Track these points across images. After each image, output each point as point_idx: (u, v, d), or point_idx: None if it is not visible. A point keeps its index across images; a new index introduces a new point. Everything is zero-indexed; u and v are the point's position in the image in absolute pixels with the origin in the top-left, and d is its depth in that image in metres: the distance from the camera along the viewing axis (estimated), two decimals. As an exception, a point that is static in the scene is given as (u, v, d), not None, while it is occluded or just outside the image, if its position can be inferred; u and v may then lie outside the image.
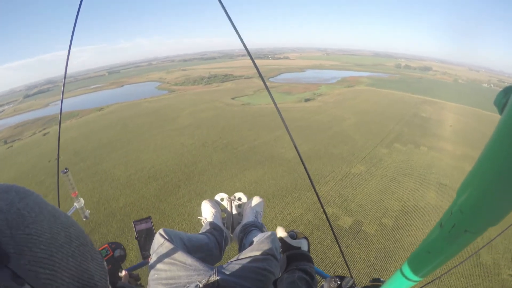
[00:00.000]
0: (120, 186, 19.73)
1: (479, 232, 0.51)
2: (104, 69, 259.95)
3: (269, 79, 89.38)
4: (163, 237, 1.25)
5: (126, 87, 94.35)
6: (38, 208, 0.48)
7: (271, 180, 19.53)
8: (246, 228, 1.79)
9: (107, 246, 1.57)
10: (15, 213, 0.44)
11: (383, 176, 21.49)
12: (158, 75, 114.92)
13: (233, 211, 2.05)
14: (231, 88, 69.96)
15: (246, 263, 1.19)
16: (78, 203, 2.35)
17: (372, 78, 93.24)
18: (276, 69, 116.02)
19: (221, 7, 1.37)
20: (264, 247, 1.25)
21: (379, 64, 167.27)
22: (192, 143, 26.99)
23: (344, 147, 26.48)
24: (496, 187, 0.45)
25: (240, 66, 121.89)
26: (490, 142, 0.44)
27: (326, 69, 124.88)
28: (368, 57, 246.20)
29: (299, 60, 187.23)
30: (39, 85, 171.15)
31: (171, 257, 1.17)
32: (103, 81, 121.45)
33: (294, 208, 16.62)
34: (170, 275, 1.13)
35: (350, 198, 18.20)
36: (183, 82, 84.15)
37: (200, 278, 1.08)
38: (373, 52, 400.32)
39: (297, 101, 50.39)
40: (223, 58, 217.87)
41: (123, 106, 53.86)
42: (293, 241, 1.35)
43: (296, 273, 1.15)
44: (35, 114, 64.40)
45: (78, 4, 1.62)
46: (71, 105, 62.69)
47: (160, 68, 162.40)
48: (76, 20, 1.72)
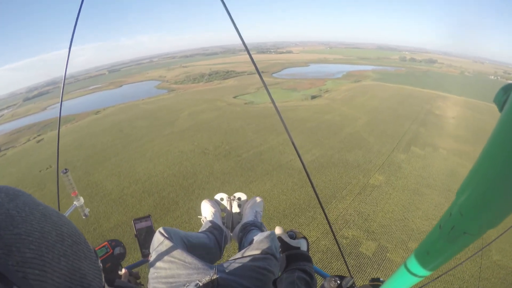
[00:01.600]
0: (112, 202, 17.58)
1: (478, 234, 0.51)
2: (105, 67, 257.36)
3: (272, 74, 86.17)
4: (163, 236, 1.26)
5: (125, 87, 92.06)
6: (28, 208, 0.47)
7: (281, 195, 17.23)
8: (246, 228, 1.80)
9: (106, 244, 1.58)
10: (3, 214, 0.43)
11: (405, 188, 19.16)
12: (158, 73, 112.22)
13: (233, 211, 2.06)
14: (233, 85, 67.31)
15: (245, 262, 1.21)
16: (77, 201, 2.41)
17: (378, 72, 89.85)
18: (279, 64, 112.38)
19: (221, 2, 1.35)
20: (263, 246, 1.29)
21: (384, 57, 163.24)
22: (192, 149, 24.72)
23: (358, 152, 24.09)
24: (496, 188, 0.44)
25: (242, 61, 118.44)
26: (490, 141, 0.43)
27: (330, 63, 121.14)
28: (372, 50, 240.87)
29: (303, 54, 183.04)
30: (40, 87, 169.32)
31: (170, 255, 1.18)
32: (103, 81, 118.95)
33: (309, 231, 14.33)
34: (170, 274, 1.13)
35: (371, 217, 15.88)
36: (183, 80, 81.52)
37: (199, 276, 1.09)
38: (375, 45, 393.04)
39: (303, 99, 47.64)
40: (225, 53, 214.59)
41: (120, 108, 51.59)
42: (293, 241, 1.32)
43: (296, 273, 1.13)
44: (32, 119, 62.29)
45: (79, 4, 1.67)
46: (68, 108, 60.63)
47: (161, 65, 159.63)
48: (77, 20, 1.73)
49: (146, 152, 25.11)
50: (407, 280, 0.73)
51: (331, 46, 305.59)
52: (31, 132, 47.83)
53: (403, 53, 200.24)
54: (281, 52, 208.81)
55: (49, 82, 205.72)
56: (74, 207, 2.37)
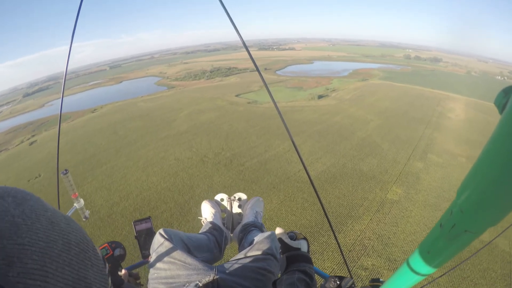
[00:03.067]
0: (100, 222, 15.48)
1: (479, 232, 0.52)
2: (106, 63, 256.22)
3: (276, 72, 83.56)
4: (163, 237, 1.26)
5: (125, 83, 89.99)
6: (35, 215, 0.46)
7: (289, 216, 15.10)
8: (246, 228, 1.80)
9: (107, 246, 1.60)
10: (8, 222, 0.42)
11: (426, 204, 17.13)
12: (159, 69, 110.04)
13: (233, 211, 2.06)
14: (235, 82, 64.95)
15: (245, 262, 1.20)
16: (78, 203, 2.41)
17: (384, 70, 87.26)
18: (283, 61, 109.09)
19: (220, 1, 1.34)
20: (264, 247, 1.28)
21: (388, 55, 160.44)
22: (189, 156, 22.59)
23: (373, 160, 21.97)
24: (496, 186, 0.45)
25: (245, 58, 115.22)
26: (490, 141, 0.44)
27: (334, 61, 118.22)
28: (375, 48, 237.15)
29: (306, 51, 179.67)
30: (41, 83, 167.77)
31: (171, 256, 1.18)
32: (103, 77, 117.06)
33: (323, 261, 12.27)
34: (169, 274, 1.13)
35: (392, 241, 13.83)
36: (183, 77, 78.97)
37: (199, 277, 1.09)
38: (378, 43, 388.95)
39: (310, 98, 45.03)
40: (226, 50, 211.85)
41: (117, 106, 49.57)
42: (293, 242, 1.31)
43: (296, 274, 1.12)
44: (29, 117, 60.41)
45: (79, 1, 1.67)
46: (66, 106, 58.21)
47: (162, 61, 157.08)
48: (77, 16, 1.74)
49: (139, 159, 23.03)
50: (407, 280, 0.72)
51: (333, 43, 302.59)
52: (26, 131, 45.96)
53: (406, 51, 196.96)
54: (284, 49, 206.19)
55: (51, 77, 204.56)
56: (74, 209, 2.36)
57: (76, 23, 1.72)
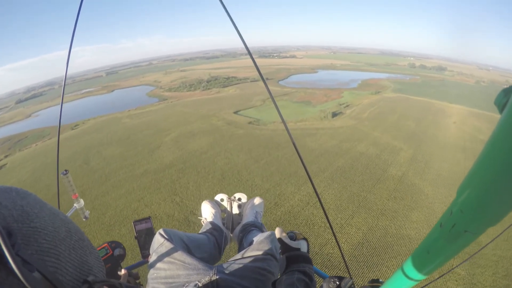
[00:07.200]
0: None
1: (479, 232, 0.52)
2: (105, 69, 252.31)
3: (279, 82, 77.37)
4: (163, 237, 1.24)
5: (116, 93, 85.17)
6: (39, 206, 0.52)
7: None
8: (246, 228, 1.76)
9: (106, 245, 1.57)
10: (19, 210, 0.46)
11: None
12: (154, 77, 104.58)
13: (233, 211, 2.01)
14: (234, 95, 59.01)
15: (245, 262, 1.19)
16: (78, 204, 2.38)
17: (394, 81, 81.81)
18: (285, 70, 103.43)
19: (222, 6, 1.34)
20: (263, 247, 1.25)
21: (391, 63, 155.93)
22: (170, 213, 16.38)
23: (419, 216, 16.19)
24: (496, 186, 0.45)
25: (244, 66, 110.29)
26: (490, 141, 0.44)
27: (338, 70, 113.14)
28: (376, 56, 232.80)
29: (307, 59, 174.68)
30: (37, 88, 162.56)
31: (170, 256, 1.17)
32: (98, 84, 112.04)
33: None
34: (169, 274, 1.12)
35: None
36: (178, 87, 72.94)
37: (199, 277, 1.08)
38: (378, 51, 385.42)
39: (322, 117, 38.88)
40: (226, 57, 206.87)
41: (100, 122, 43.92)
42: (293, 242, 1.30)
43: (295, 274, 1.12)
44: (11, 129, 54.96)
45: (79, 4, 1.61)
46: (50, 118, 55.23)
47: (159, 68, 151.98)
48: (76, 20, 1.71)
49: (106, 211, 17.05)
50: (407, 280, 0.72)
51: (334, 51, 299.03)
52: (2, 149, 40.55)
53: (409, 59, 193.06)
54: (285, 56, 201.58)
55: (48, 82, 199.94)
56: (74, 209, 2.34)
57: (75, 26, 1.72)
